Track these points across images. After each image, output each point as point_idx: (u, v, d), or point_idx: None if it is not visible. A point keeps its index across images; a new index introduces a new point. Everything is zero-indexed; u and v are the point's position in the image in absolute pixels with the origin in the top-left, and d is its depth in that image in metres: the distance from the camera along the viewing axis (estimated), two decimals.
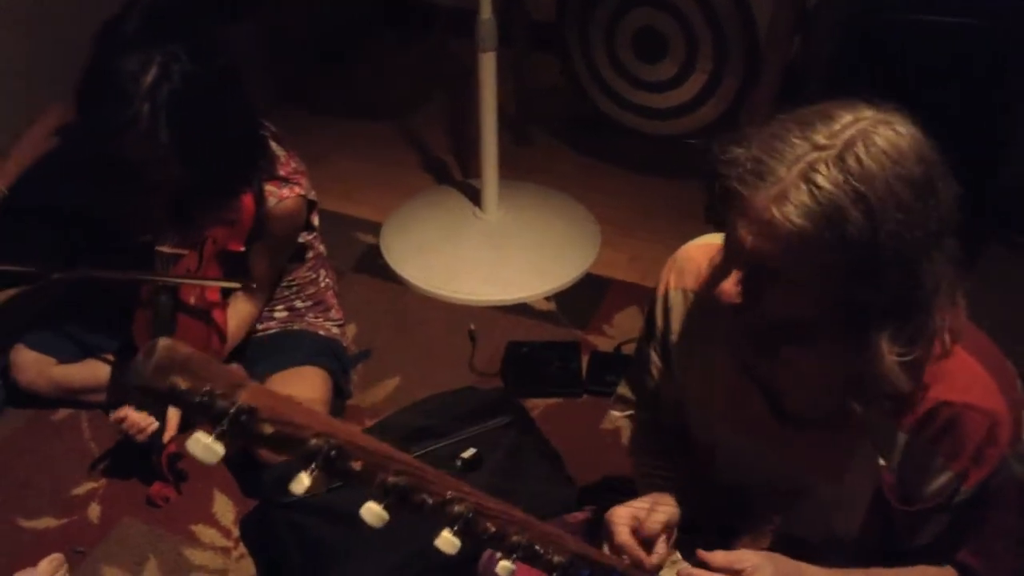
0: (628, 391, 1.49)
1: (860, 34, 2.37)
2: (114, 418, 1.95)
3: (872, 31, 2.35)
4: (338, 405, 2.21)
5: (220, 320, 1.99)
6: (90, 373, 2.18)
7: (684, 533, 1.32)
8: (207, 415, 0.69)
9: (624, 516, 1.25)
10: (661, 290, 1.33)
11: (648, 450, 1.46)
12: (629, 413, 1.51)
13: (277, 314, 2.16)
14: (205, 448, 0.68)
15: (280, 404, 0.73)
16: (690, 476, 1.37)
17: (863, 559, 1.22)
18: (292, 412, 0.73)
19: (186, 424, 2.08)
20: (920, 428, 1.11)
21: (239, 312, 2.05)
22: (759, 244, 0.99)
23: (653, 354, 1.38)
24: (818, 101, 1.03)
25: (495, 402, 2.00)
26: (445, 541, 0.87)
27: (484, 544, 0.92)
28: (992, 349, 1.15)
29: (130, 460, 2.07)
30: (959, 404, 1.09)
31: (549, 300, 2.58)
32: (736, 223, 1.01)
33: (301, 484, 0.74)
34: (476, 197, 2.82)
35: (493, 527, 0.91)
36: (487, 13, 2.45)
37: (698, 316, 1.28)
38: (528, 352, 2.36)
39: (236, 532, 1.98)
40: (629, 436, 1.56)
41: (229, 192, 1.86)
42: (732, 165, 1.00)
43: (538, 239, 2.76)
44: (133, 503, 2.04)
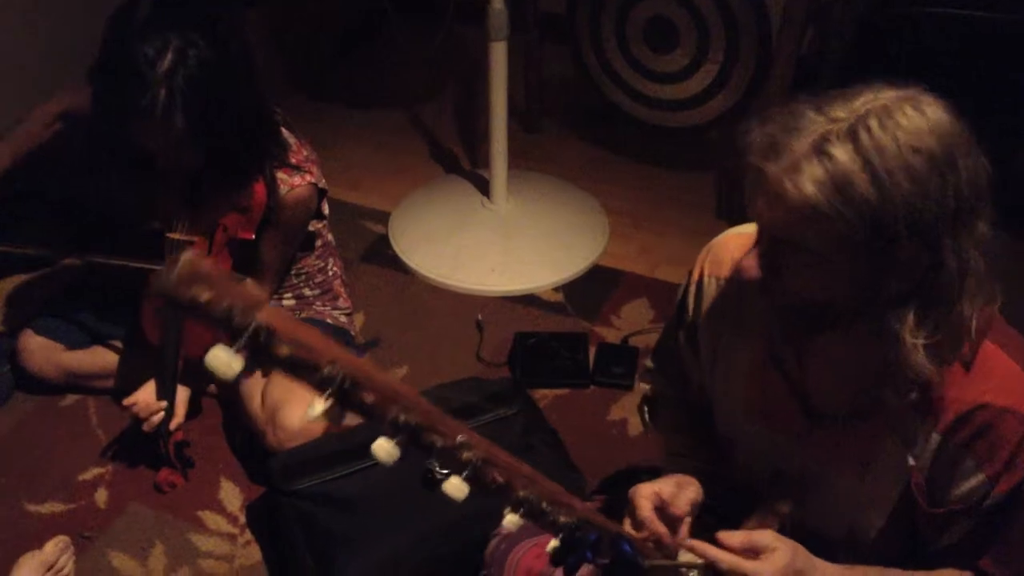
0: (657, 369, 1.49)
1: (874, 25, 2.36)
2: (125, 402, 1.95)
3: (887, 22, 2.34)
4: None
5: None
6: (98, 359, 2.19)
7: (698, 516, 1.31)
8: (226, 327, 0.69)
9: (648, 493, 1.24)
10: (695, 276, 1.32)
11: (677, 429, 1.45)
12: (657, 391, 1.51)
13: (286, 302, 2.15)
14: (224, 361, 0.68)
15: (298, 328, 0.73)
16: (711, 460, 1.37)
17: (882, 559, 1.21)
18: (309, 337, 0.73)
19: (193, 411, 2.09)
20: (955, 430, 1.10)
21: None
22: (775, 216, 1.00)
23: (682, 339, 1.37)
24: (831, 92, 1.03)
25: (503, 392, 2.00)
26: (454, 487, 0.86)
27: (491, 494, 0.91)
28: None
29: (137, 446, 2.07)
30: (997, 407, 1.07)
31: (557, 291, 2.57)
32: (755, 198, 1.02)
33: (315, 410, 0.74)
34: (485, 187, 2.82)
35: (501, 478, 0.90)
36: (499, 3, 2.44)
37: (730, 305, 1.26)
38: (536, 343, 2.36)
39: (243, 519, 1.99)
40: (656, 414, 1.54)
41: (242, 178, 1.86)
42: (752, 142, 1.01)
43: (546, 230, 2.76)
44: (140, 489, 2.04)
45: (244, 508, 2.01)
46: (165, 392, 1.96)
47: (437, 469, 0.85)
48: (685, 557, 1.22)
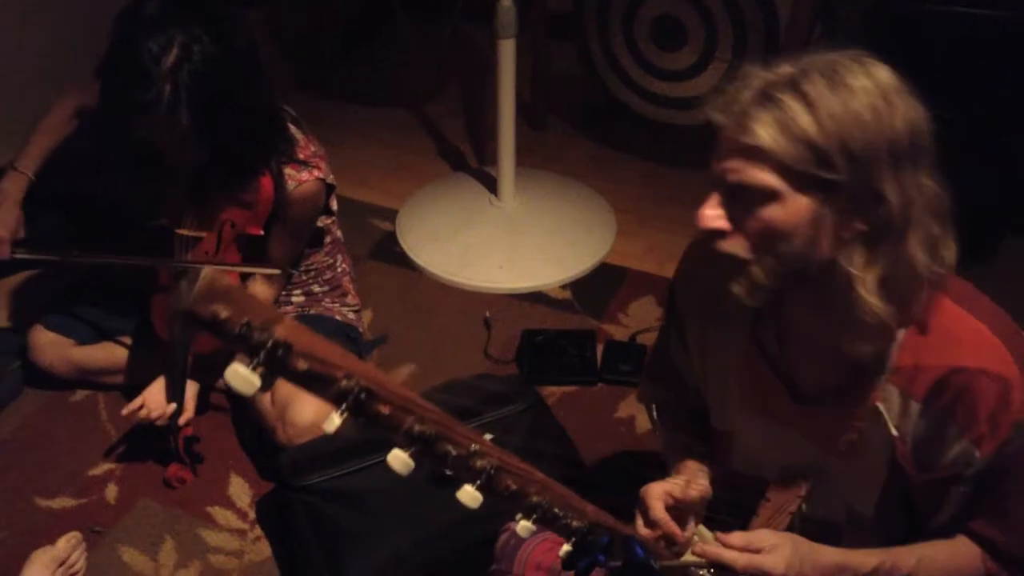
0: (654, 371, 1.51)
1: (882, 23, 2.35)
2: (128, 411, 1.95)
3: (894, 20, 2.34)
4: None
5: None
6: (108, 355, 2.20)
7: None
8: (245, 346, 0.69)
9: (659, 492, 1.26)
10: (679, 274, 1.35)
11: (677, 428, 1.47)
12: (655, 393, 1.53)
13: (295, 298, 2.16)
14: (243, 379, 0.69)
15: (315, 342, 0.73)
16: (711, 460, 1.38)
17: (886, 539, 1.22)
18: (326, 351, 0.74)
19: (202, 407, 2.10)
20: (933, 396, 1.12)
21: (256, 294, 2.05)
22: (731, 164, 1.06)
23: (674, 339, 1.40)
24: None
25: (511, 389, 2.00)
26: (467, 495, 0.87)
27: (504, 501, 0.92)
28: (1002, 316, 1.16)
29: (147, 442, 2.08)
30: (971, 369, 1.10)
31: (565, 289, 2.57)
32: (715, 150, 1.09)
33: (332, 423, 0.76)
34: (492, 185, 2.82)
35: (514, 484, 0.91)
36: (508, 0, 2.45)
37: (713, 300, 1.28)
38: (543, 340, 2.37)
39: (252, 514, 2.00)
40: (657, 415, 1.56)
41: (248, 173, 1.87)
42: (708, 101, 1.10)
43: (554, 227, 2.76)
44: (150, 484, 2.05)
45: (253, 504, 2.02)
46: (174, 389, 1.96)
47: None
48: (692, 556, 1.23)
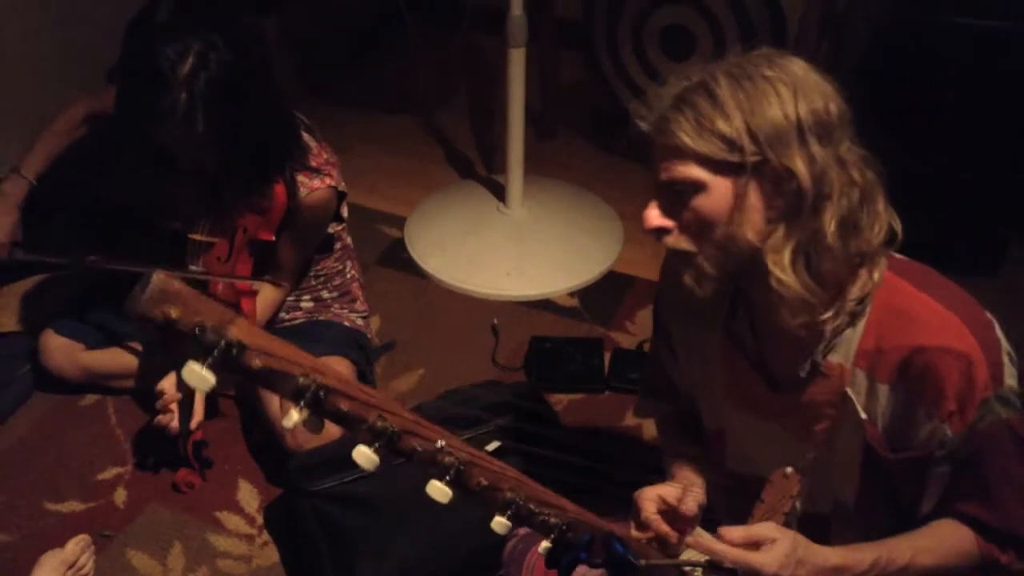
0: (650, 386, 1.53)
1: (890, 36, 2.36)
2: (158, 389, 1.96)
3: (902, 33, 2.34)
4: None
5: (248, 310, 2.01)
6: (118, 360, 2.20)
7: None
8: (198, 346, 0.72)
9: (652, 494, 1.28)
10: (660, 280, 1.38)
11: (677, 439, 1.49)
12: (652, 408, 1.56)
13: (304, 304, 2.17)
14: (198, 376, 0.72)
15: (270, 342, 0.76)
16: (709, 464, 1.40)
17: (872, 531, 1.23)
18: (283, 350, 0.76)
19: (211, 412, 2.11)
20: (899, 378, 1.14)
21: (265, 297, 2.06)
22: (663, 165, 1.14)
23: (663, 349, 1.43)
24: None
25: (519, 396, 2.01)
26: (435, 489, 0.88)
27: (476, 496, 0.92)
28: (961, 295, 1.17)
29: (156, 446, 2.09)
30: (932, 348, 1.11)
31: (572, 296, 2.58)
32: (649, 158, 1.16)
33: (291, 419, 0.78)
34: (500, 192, 2.83)
35: (485, 480, 0.92)
36: (518, 9, 2.46)
37: (692, 305, 1.30)
38: (551, 348, 2.37)
39: (260, 519, 2.00)
40: (658, 429, 1.58)
41: (262, 180, 1.88)
42: (634, 112, 1.18)
43: (562, 235, 2.77)
44: (159, 489, 2.06)
45: (262, 509, 2.02)
46: (183, 400, 1.97)
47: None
48: (686, 556, 1.24)
